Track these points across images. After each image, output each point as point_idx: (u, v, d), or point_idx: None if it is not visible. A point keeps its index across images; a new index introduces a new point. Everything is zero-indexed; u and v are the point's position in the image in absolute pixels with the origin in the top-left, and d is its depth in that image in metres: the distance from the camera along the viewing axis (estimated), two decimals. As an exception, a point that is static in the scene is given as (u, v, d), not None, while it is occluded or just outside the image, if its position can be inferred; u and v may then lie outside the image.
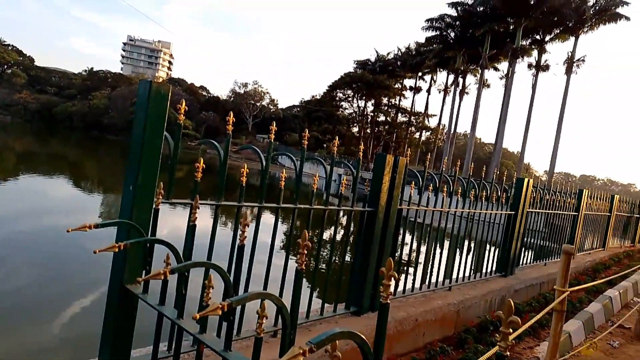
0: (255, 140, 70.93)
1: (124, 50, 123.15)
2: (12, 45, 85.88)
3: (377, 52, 70.94)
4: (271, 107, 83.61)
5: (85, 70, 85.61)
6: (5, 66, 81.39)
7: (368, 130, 67.41)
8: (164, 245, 1.94)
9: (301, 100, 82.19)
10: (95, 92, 69.76)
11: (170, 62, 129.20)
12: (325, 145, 64.59)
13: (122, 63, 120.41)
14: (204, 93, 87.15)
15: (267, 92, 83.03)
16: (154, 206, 2.22)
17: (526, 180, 6.04)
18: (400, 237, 4.00)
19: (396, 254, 4.05)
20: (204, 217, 2.21)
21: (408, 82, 69.55)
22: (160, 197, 2.20)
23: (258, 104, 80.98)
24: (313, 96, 76.97)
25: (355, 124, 72.02)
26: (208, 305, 1.75)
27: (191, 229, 2.15)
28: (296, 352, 1.06)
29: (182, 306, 2.01)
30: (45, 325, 6.45)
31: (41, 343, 6.05)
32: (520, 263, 6.64)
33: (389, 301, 1.36)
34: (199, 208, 2.13)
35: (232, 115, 2.33)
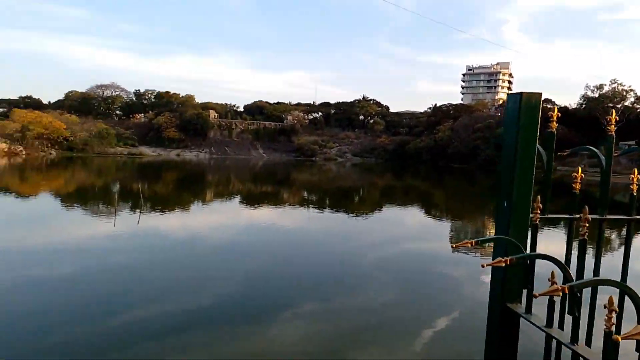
0: (617, 148, 59.71)
1: (463, 81, 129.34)
2: (373, 99, 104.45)
3: None
4: (637, 105, 69.14)
5: (430, 108, 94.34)
6: (369, 117, 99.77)
7: None
8: (550, 261, 1.83)
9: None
10: (439, 126, 75.69)
11: (509, 82, 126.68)
12: None
13: (462, 94, 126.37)
14: (549, 105, 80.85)
15: (631, 90, 69.19)
16: (531, 221, 2.15)
17: None
18: None
19: None
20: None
21: None
22: (538, 212, 2.11)
23: (619, 106, 68.34)
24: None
25: None
26: (611, 331, 1.52)
27: (582, 243, 1.95)
28: None
29: (576, 330, 1.83)
30: (416, 341, 7.14)
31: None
32: None
33: None
34: (589, 221, 1.91)
35: (614, 114, 2.03)
